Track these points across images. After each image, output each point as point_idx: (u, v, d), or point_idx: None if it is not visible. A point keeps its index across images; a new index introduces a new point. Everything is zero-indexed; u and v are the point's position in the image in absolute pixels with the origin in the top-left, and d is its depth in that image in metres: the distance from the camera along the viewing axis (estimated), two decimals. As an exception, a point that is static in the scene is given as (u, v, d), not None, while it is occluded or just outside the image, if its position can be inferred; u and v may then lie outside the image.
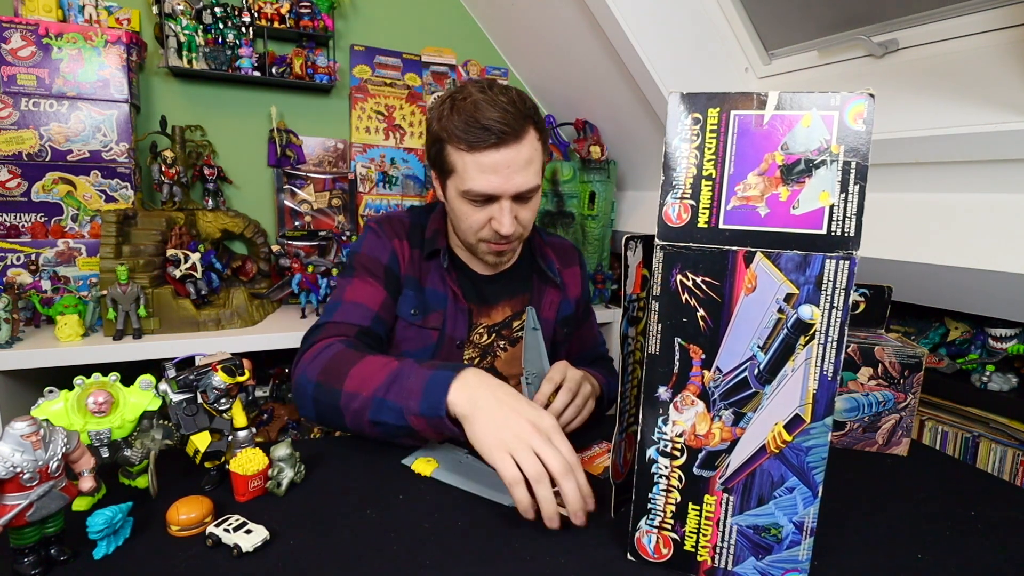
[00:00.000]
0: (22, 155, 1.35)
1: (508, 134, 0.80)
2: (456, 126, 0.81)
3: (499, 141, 0.80)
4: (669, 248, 0.49)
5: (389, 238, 0.95)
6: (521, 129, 0.82)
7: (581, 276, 1.09)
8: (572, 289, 1.06)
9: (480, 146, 0.81)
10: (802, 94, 0.45)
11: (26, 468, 0.46)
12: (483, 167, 0.82)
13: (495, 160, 0.81)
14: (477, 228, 0.88)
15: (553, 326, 1.02)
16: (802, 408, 0.48)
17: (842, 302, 0.45)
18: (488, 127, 0.80)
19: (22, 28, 1.32)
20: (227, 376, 0.65)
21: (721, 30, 1.42)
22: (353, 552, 0.54)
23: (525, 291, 1.01)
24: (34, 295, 1.29)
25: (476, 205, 0.86)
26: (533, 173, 0.85)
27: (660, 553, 0.53)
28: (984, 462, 1.04)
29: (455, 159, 0.84)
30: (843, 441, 0.81)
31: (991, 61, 0.97)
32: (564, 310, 1.03)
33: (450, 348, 0.95)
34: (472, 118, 0.80)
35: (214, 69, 1.56)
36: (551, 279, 1.01)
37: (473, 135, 0.80)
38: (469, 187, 0.83)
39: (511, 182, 0.83)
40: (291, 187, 1.75)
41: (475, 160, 0.82)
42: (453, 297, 0.94)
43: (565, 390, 0.81)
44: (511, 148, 0.81)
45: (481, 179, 0.82)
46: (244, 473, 0.61)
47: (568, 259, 1.08)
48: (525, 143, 0.83)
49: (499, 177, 0.82)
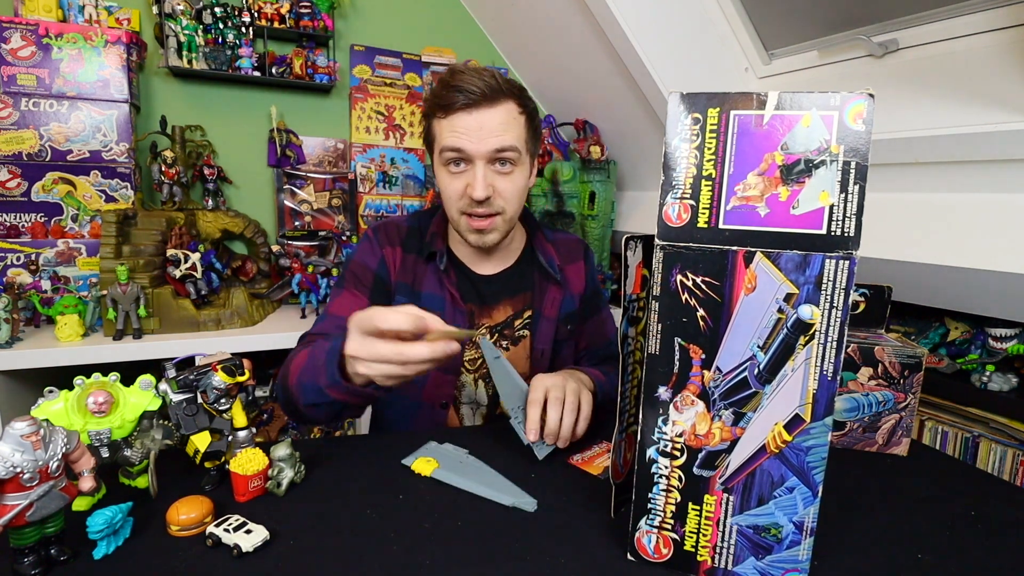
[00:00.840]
0: (22, 155, 1.35)
1: (481, 97, 0.83)
2: (435, 94, 0.86)
3: (470, 103, 0.83)
4: (669, 248, 0.49)
5: (381, 245, 0.96)
6: (495, 96, 0.85)
7: (586, 270, 1.07)
8: (575, 285, 1.04)
9: (452, 108, 0.84)
10: (802, 94, 0.45)
11: (26, 468, 0.46)
12: (455, 127, 0.85)
13: (466, 122, 0.84)
14: (456, 198, 0.88)
15: (555, 324, 1.01)
16: (802, 408, 0.48)
17: (842, 302, 0.45)
18: (459, 88, 0.83)
19: (22, 28, 1.32)
20: (227, 376, 0.65)
21: (721, 30, 1.42)
22: (353, 552, 0.54)
23: (526, 289, 1.00)
24: (34, 295, 1.29)
25: (453, 173, 0.87)
26: (511, 137, 0.86)
27: (660, 553, 0.53)
28: (984, 462, 1.04)
29: (436, 128, 0.88)
30: (843, 441, 0.81)
31: (991, 61, 0.97)
32: (566, 307, 1.02)
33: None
34: (447, 84, 0.84)
35: (214, 69, 1.56)
36: (551, 276, 1.00)
37: (446, 98, 0.84)
38: (443, 145, 0.86)
39: (484, 143, 0.84)
40: (291, 187, 1.75)
41: (449, 122, 0.85)
42: (451, 299, 0.94)
43: (553, 403, 0.76)
44: (483, 110, 0.84)
45: (453, 138, 0.85)
46: (244, 473, 0.61)
47: (571, 255, 1.06)
48: (500, 108, 0.85)
49: (471, 137, 0.84)
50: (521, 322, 0.99)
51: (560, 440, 0.75)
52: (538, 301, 0.99)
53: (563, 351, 1.03)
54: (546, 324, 0.99)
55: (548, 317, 1.00)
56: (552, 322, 1.00)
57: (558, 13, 1.61)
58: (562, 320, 1.02)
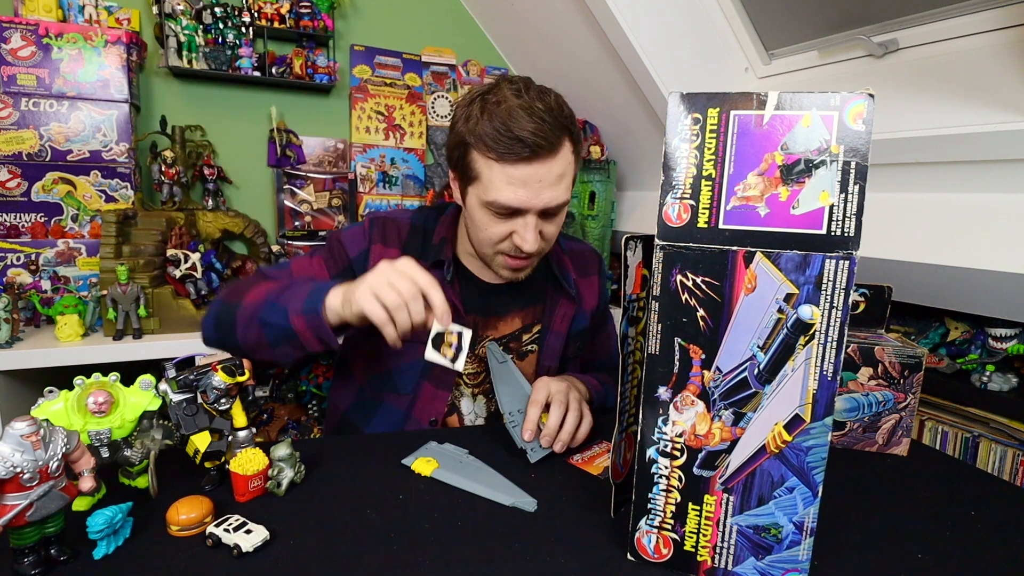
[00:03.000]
0: (22, 155, 1.35)
1: (543, 148, 0.74)
2: (486, 132, 0.75)
3: (532, 155, 0.74)
4: (669, 248, 0.49)
5: (373, 241, 0.90)
6: (557, 141, 0.76)
7: (599, 285, 1.03)
8: (588, 300, 1.00)
9: (511, 158, 0.75)
10: (802, 94, 0.45)
11: (26, 468, 0.46)
12: (512, 180, 0.76)
13: (525, 174, 0.75)
14: (496, 240, 0.82)
15: (565, 339, 0.96)
16: (802, 408, 0.48)
17: (842, 302, 0.45)
18: (522, 139, 0.73)
19: (22, 28, 1.32)
20: (227, 376, 0.65)
21: (721, 30, 1.42)
22: (353, 552, 0.54)
23: (538, 302, 0.95)
24: (34, 295, 1.29)
25: (499, 217, 0.80)
26: (564, 188, 0.79)
27: (660, 553, 0.53)
28: (984, 462, 1.04)
29: (481, 167, 0.78)
30: (843, 441, 0.81)
31: (991, 61, 0.97)
32: (578, 323, 0.98)
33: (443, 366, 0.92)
34: (505, 126, 0.74)
35: (214, 69, 1.56)
36: (566, 291, 0.95)
37: (504, 145, 0.74)
38: (494, 198, 0.77)
39: (540, 197, 0.77)
40: (291, 187, 1.75)
41: (504, 172, 0.76)
42: (452, 310, 0.92)
43: (556, 405, 0.75)
44: (544, 163, 0.76)
45: (508, 191, 0.76)
46: (244, 473, 0.61)
47: (587, 267, 1.01)
48: (559, 157, 0.77)
49: (528, 192, 0.76)
50: (530, 336, 0.95)
51: (557, 443, 0.74)
52: (548, 315, 0.95)
53: (569, 368, 0.99)
54: (554, 339, 0.95)
55: (558, 332, 0.95)
56: (562, 337, 0.96)
57: (558, 13, 1.61)
58: (572, 337, 0.98)
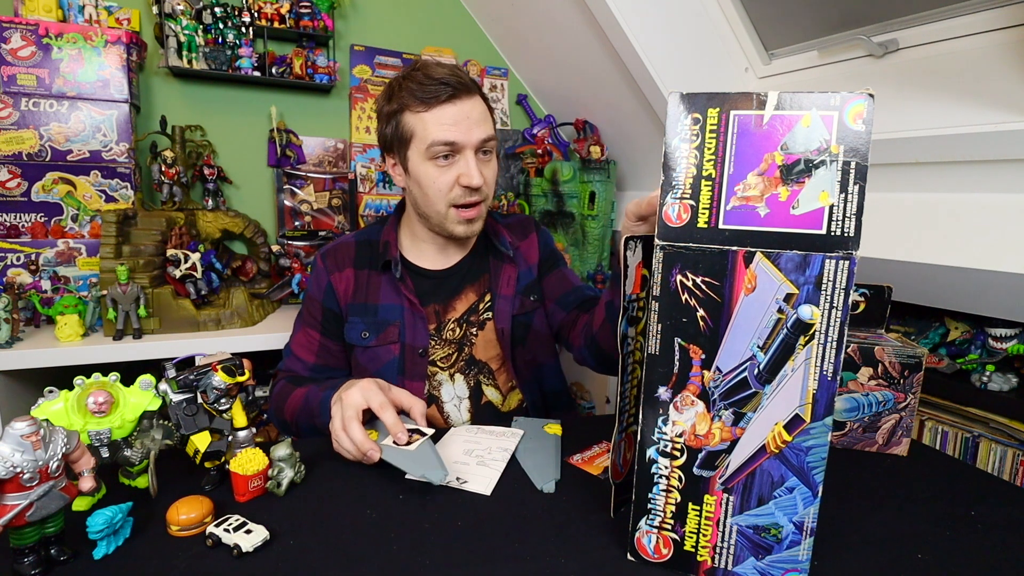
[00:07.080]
0: (22, 155, 1.35)
1: (462, 87, 0.86)
2: (411, 90, 0.86)
3: (454, 94, 0.86)
4: (669, 248, 0.49)
5: (329, 271, 0.99)
6: (472, 86, 0.88)
7: (538, 241, 1.09)
8: (530, 257, 1.06)
9: (437, 100, 0.85)
10: (802, 94, 0.45)
11: (26, 468, 0.46)
12: (443, 121, 0.86)
13: (453, 113, 0.86)
14: (446, 190, 0.89)
15: (515, 300, 1.01)
16: (802, 408, 0.48)
17: (842, 302, 0.45)
18: (442, 79, 0.85)
19: (22, 28, 1.32)
20: (227, 376, 0.65)
21: (721, 30, 1.42)
22: (353, 552, 0.54)
23: (483, 272, 1.02)
24: (34, 295, 1.29)
25: (442, 165, 0.88)
26: (490, 126, 0.91)
27: (660, 553, 0.53)
28: (984, 462, 1.04)
29: (414, 123, 0.88)
30: (843, 441, 0.81)
31: (991, 61, 0.97)
32: (524, 280, 1.04)
33: (413, 358, 0.95)
34: (425, 76, 0.86)
35: (214, 69, 1.56)
36: (505, 254, 1.02)
37: (429, 91, 0.85)
38: (433, 139, 0.86)
39: (472, 133, 0.87)
40: (291, 187, 1.75)
41: (434, 117, 0.86)
42: (409, 306, 0.96)
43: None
44: (466, 101, 0.87)
45: (443, 130, 0.86)
46: (244, 473, 0.61)
47: (522, 232, 1.08)
48: (477, 100, 0.89)
49: (459, 129, 0.86)
50: (484, 306, 1.01)
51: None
52: (494, 282, 1.01)
53: (534, 322, 1.03)
54: (503, 303, 1.00)
55: (505, 296, 1.01)
56: (509, 300, 1.01)
57: (558, 13, 1.61)
58: (522, 292, 1.03)
